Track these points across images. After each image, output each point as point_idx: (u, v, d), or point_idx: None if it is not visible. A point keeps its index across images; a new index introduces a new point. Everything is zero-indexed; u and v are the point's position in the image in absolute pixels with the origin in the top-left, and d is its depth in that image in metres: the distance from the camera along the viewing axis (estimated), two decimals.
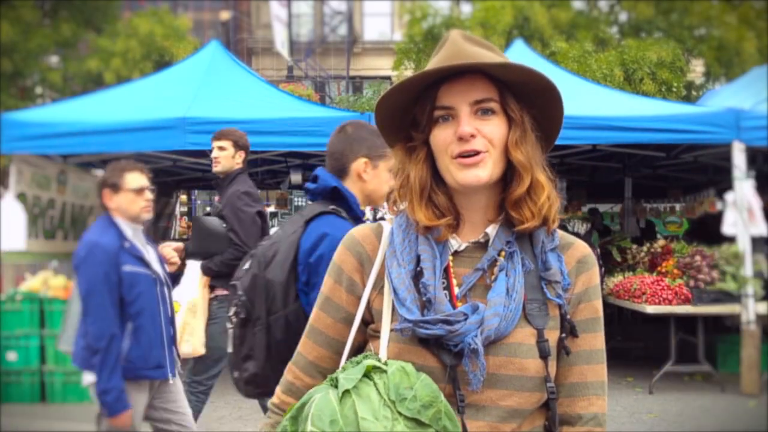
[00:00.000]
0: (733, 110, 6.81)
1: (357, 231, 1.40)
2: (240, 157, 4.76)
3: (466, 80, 1.26)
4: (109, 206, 3.35)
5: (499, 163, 1.27)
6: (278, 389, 1.41)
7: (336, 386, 1.16)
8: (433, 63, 1.28)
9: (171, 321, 3.47)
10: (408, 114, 1.33)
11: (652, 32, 14.80)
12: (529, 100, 1.30)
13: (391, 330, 1.26)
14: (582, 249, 1.36)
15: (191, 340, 4.22)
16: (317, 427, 1.11)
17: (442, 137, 1.27)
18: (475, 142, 1.25)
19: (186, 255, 4.39)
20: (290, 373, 1.39)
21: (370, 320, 1.33)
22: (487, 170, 1.25)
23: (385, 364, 1.18)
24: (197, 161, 8.66)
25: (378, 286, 1.32)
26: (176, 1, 22.38)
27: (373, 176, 2.44)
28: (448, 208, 1.29)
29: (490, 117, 1.27)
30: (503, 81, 1.28)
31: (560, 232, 1.35)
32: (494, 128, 1.26)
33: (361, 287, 1.33)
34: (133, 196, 3.35)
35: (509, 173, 1.30)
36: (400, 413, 1.11)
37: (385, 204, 2.04)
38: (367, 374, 1.16)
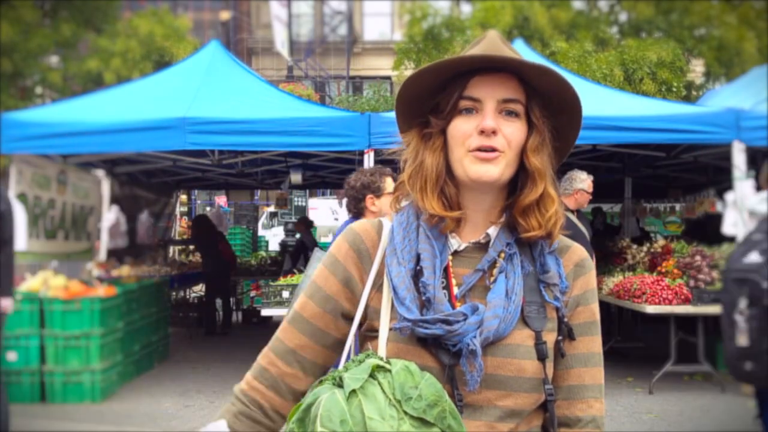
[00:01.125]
0: (733, 110, 6.81)
1: (358, 225, 1.39)
2: None
3: (499, 77, 1.27)
4: (370, 210, 3.54)
5: (512, 165, 1.28)
6: (248, 375, 1.37)
7: (340, 386, 1.16)
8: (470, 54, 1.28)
9: None
10: (430, 99, 1.32)
11: (652, 32, 14.81)
12: (550, 110, 1.31)
13: (390, 329, 1.25)
14: (579, 252, 1.37)
15: None
16: (327, 427, 1.10)
17: (462, 128, 1.27)
18: (496, 139, 1.25)
19: None
20: (265, 358, 1.35)
21: (362, 318, 1.32)
22: (499, 168, 1.25)
23: (389, 363, 1.18)
24: (197, 161, 8.65)
25: (377, 284, 1.31)
26: (176, 1, 22.38)
27: None
28: (457, 203, 1.30)
29: (513, 119, 1.27)
30: (532, 87, 1.29)
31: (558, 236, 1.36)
32: (515, 130, 1.27)
33: (358, 282, 1.33)
34: (390, 199, 3.51)
35: (520, 179, 1.30)
36: (405, 412, 1.11)
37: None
38: (371, 373, 1.16)
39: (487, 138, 1.24)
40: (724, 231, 6.78)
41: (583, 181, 5.84)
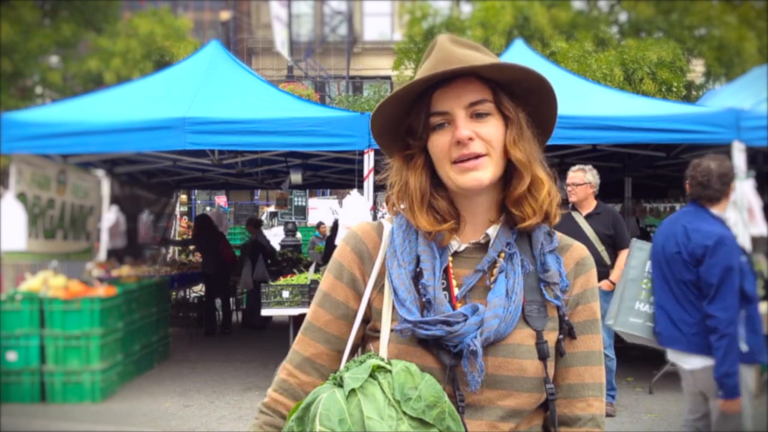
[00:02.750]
0: (733, 110, 6.81)
1: (359, 228, 1.40)
2: None
3: (459, 84, 1.27)
4: (728, 197, 3.63)
5: (499, 163, 1.28)
6: (269, 390, 1.37)
7: (340, 385, 1.16)
8: (424, 70, 1.28)
9: None
10: (403, 123, 1.33)
11: (652, 32, 14.81)
12: (522, 97, 1.31)
13: (391, 330, 1.26)
14: (580, 251, 1.37)
15: None
16: (326, 426, 1.11)
17: (440, 143, 1.27)
18: (474, 145, 1.25)
19: None
20: (284, 371, 1.36)
21: (369, 318, 1.33)
22: (487, 172, 1.26)
23: (389, 363, 1.18)
24: (197, 161, 8.65)
25: (378, 286, 1.32)
26: (176, 1, 22.38)
27: None
28: (449, 212, 1.30)
29: (486, 119, 1.27)
30: (496, 81, 1.29)
31: (559, 234, 1.36)
32: (491, 129, 1.27)
33: (362, 283, 1.33)
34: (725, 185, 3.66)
35: (509, 171, 1.30)
36: (404, 413, 1.12)
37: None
38: (371, 374, 1.16)
39: (464, 147, 1.24)
40: None
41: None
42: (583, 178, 6.02)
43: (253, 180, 11.47)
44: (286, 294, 6.81)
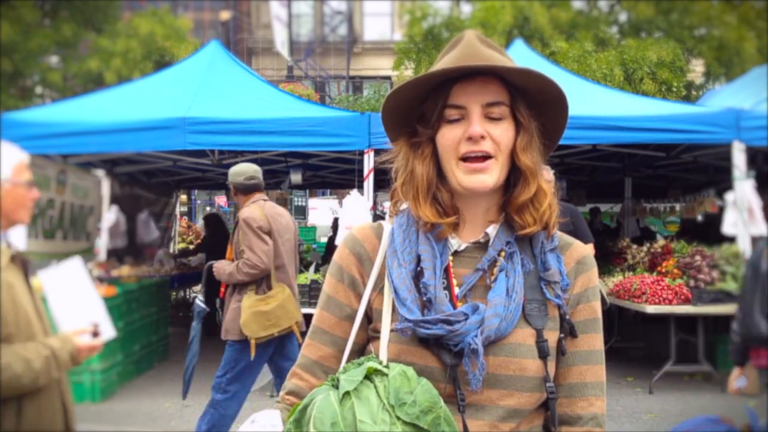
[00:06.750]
0: (733, 110, 6.81)
1: (357, 230, 1.40)
2: None
3: (480, 81, 1.27)
4: None
5: (505, 167, 1.28)
6: (282, 394, 1.38)
7: (337, 387, 1.16)
8: (447, 61, 1.27)
9: None
10: (415, 109, 1.33)
11: (652, 32, 14.81)
12: (536, 107, 1.31)
13: (391, 330, 1.25)
14: (581, 250, 1.37)
15: None
16: (319, 429, 1.10)
17: (450, 136, 1.27)
18: (484, 143, 1.25)
19: None
20: (294, 376, 1.37)
21: (370, 319, 1.33)
22: (493, 176, 1.26)
23: (387, 367, 1.18)
24: (197, 161, 8.65)
25: (378, 287, 1.32)
26: (176, 1, 22.38)
27: None
28: (451, 207, 1.30)
29: (499, 121, 1.27)
30: (514, 86, 1.29)
31: (559, 233, 1.36)
32: (503, 132, 1.27)
33: (362, 285, 1.33)
34: None
35: (513, 177, 1.30)
36: (398, 418, 1.11)
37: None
38: (368, 376, 1.15)
39: (475, 144, 1.24)
40: (724, 231, 6.78)
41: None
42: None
43: None
44: None
